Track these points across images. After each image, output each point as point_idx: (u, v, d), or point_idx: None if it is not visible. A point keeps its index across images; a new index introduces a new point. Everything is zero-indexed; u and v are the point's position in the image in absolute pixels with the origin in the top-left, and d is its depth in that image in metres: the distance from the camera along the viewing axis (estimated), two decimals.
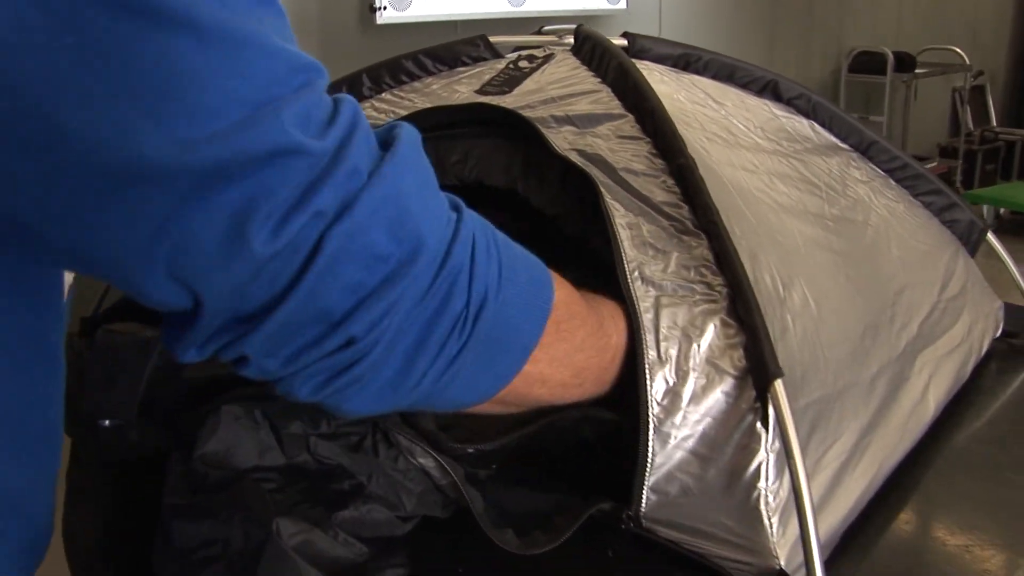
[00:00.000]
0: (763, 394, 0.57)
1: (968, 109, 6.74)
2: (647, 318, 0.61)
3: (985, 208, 5.58)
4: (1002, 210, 5.51)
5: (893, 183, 0.99)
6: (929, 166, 6.02)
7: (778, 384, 0.56)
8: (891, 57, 5.72)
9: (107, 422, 0.67)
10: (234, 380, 0.58)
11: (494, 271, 0.49)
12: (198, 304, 0.42)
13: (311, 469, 0.62)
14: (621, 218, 0.66)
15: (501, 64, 0.92)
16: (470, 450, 0.63)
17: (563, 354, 0.57)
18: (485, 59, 0.95)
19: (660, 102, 0.71)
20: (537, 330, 0.53)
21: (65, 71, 0.35)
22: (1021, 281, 1.05)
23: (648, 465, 0.59)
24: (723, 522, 0.59)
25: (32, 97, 0.35)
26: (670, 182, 0.68)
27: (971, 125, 6.79)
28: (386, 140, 0.46)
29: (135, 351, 0.65)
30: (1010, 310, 1.06)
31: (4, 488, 0.47)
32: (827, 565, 0.60)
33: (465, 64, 0.95)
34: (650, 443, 0.59)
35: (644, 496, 0.60)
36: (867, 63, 5.87)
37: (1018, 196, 5.60)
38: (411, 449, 0.62)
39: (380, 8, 3.48)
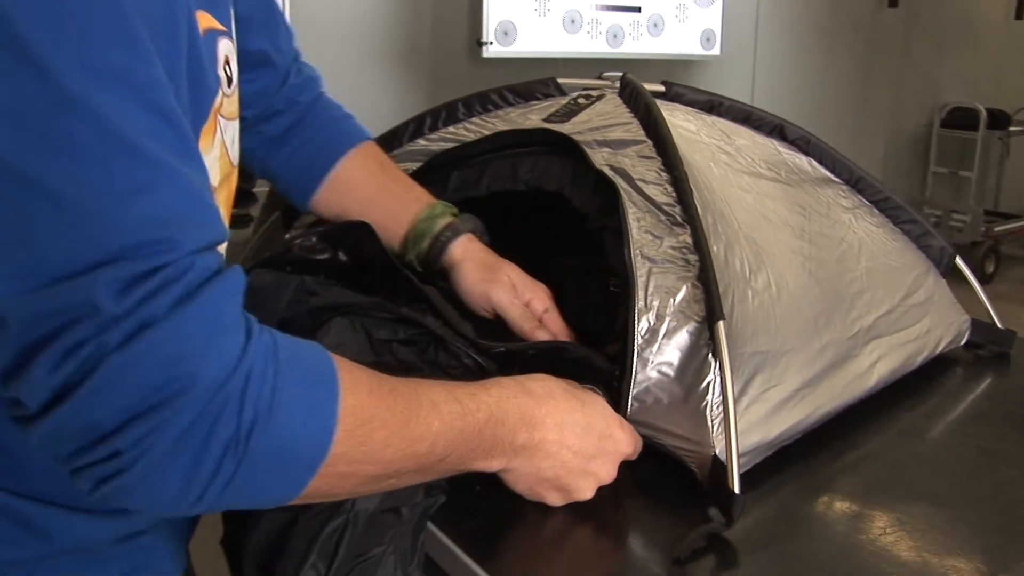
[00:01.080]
0: (712, 332, 0.83)
1: None
2: (640, 281, 0.88)
3: None
4: None
5: (877, 212, 1.24)
6: (1020, 224, 6.09)
7: (720, 325, 0.82)
8: (984, 113, 5.81)
9: None
10: (340, 305, 0.85)
11: (266, 397, 0.53)
12: None
13: (392, 367, 0.88)
14: (633, 214, 0.93)
15: (565, 100, 1.20)
16: (500, 348, 0.89)
17: (362, 455, 0.60)
18: (553, 96, 1.23)
19: (669, 132, 0.99)
20: (320, 446, 0.57)
21: None
22: (986, 301, 1.28)
23: (632, 380, 0.86)
24: (682, 422, 0.85)
25: None
26: (670, 189, 0.95)
27: None
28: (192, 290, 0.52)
29: (272, 288, 0.87)
30: (979, 325, 1.29)
31: None
32: (756, 476, 0.86)
33: (537, 99, 1.23)
34: (634, 365, 0.86)
35: (629, 403, 0.87)
36: (961, 118, 5.97)
37: None
38: (458, 352, 0.88)
39: (487, 43, 3.79)
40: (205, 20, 0.65)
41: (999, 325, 1.28)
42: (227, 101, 0.70)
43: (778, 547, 0.80)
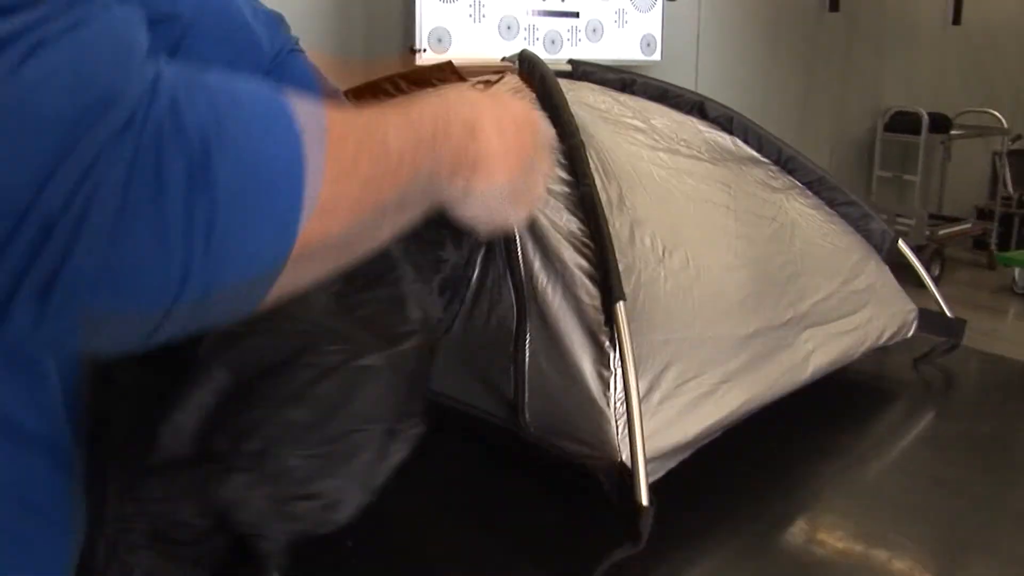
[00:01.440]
0: (609, 316, 0.71)
1: (1008, 172, 6.77)
2: (528, 264, 0.76)
3: (1016, 271, 5.62)
4: None
5: (810, 193, 1.13)
6: (963, 227, 6.10)
7: (620, 306, 0.70)
8: (926, 117, 5.81)
9: None
10: None
11: (207, 116, 0.43)
12: None
13: None
14: None
15: (464, 87, 1.08)
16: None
17: (339, 171, 0.49)
18: (450, 82, 1.11)
19: (564, 99, 0.87)
20: (292, 160, 0.46)
21: None
22: (933, 288, 1.18)
23: (525, 382, 0.74)
24: (581, 424, 0.73)
25: None
26: (563, 162, 0.83)
27: (1010, 188, 6.80)
28: None
29: None
30: (927, 315, 1.18)
31: None
32: (671, 475, 0.74)
33: (433, 85, 1.11)
34: (526, 362, 0.74)
35: (526, 408, 0.75)
36: (903, 123, 5.96)
37: None
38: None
39: (421, 50, 3.68)
40: None
41: (946, 312, 1.18)
42: None
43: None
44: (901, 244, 1.17)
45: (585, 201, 0.76)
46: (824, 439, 0.95)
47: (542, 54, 4.00)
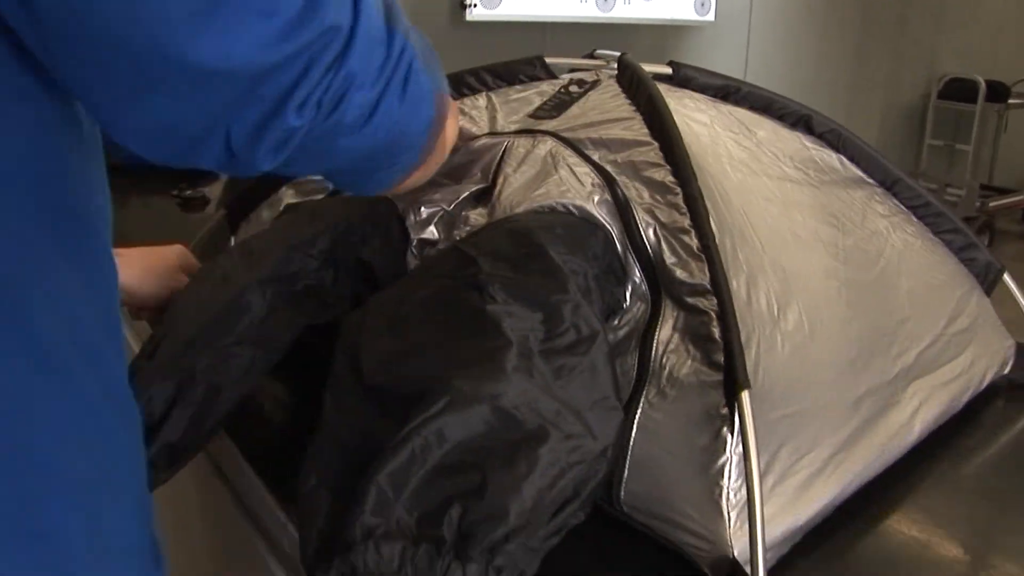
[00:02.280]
0: (731, 402, 0.64)
1: None
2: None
3: None
4: None
5: (915, 219, 1.05)
6: (1015, 199, 5.94)
7: (744, 395, 0.63)
8: (983, 85, 5.65)
9: None
10: None
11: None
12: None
13: None
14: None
15: (554, 86, 1.00)
16: None
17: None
18: (540, 79, 1.03)
19: (679, 134, 0.79)
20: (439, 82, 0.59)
21: None
22: None
23: (628, 457, 0.67)
24: (689, 512, 0.66)
25: None
26: (683, 206, 0.75)
27: None
28: None
29: None
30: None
31: None
32: (784, 563, 0.68)
33: (522, 82, 1.03)
34: (632, 438, 0.67)
35: (623, 484, 0.68)
36: (958, 90, 5.80)
37: None
38: None
39: (471, 5, 3.57)
40: None
41: None
42: None
43: None
44: (1007, 278, 1.09)
45: (720, 303, 0.68)
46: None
47: (594, 12, 3.87)
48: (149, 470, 0.74)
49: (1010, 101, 5.91)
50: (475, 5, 3.61)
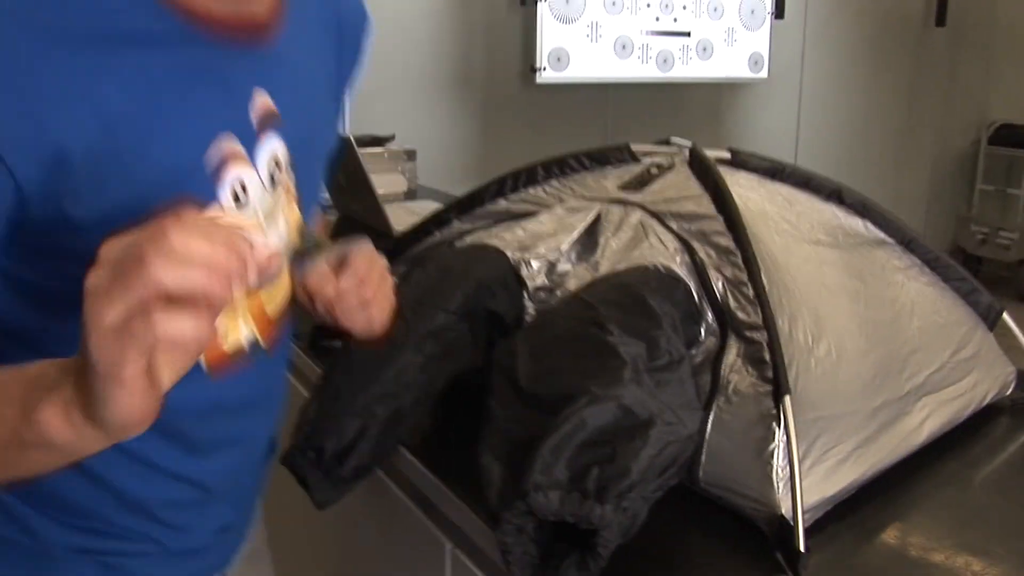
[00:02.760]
0: (778, 405, 0.93)
1: None
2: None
3: None
4: None
5: (928, 270, 1.32)
6: None
7: (787, 399, 0.91)
8: None
9: None
10: None
11: None
12: None
13: None
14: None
15: (638, 167, 1.29)
16: None
17: None
18: (626, 161, 1.33)
19: (737, 210, 1.08)
20: None
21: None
22: None
23: (706, 444, 0.96)
24: (751, 485, 0.94)
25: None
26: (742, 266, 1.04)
27: None
28: None
29: None
30: None
31: None
32: (816, 524, 0.95)
33: (612, 164, 1.33)
34: (708, 430, 0.96)
35: (702, 466, 0.97)
36: (1009, 136, 5.97)
37: None
38: None
39: (541, 69, 3.89)
40: (228, 146, 0.74)
41: None
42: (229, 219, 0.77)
43: None
44: (1006, 316, 1.35)
45: (769, 335, 0.97)
46: (922, 457, 1.14)
47: (655, 72, 4.17)
48: (340, 484, 1.04)
49: None
50: (544, 68, 3.92)
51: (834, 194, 1.31)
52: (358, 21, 1.02)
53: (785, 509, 0.92)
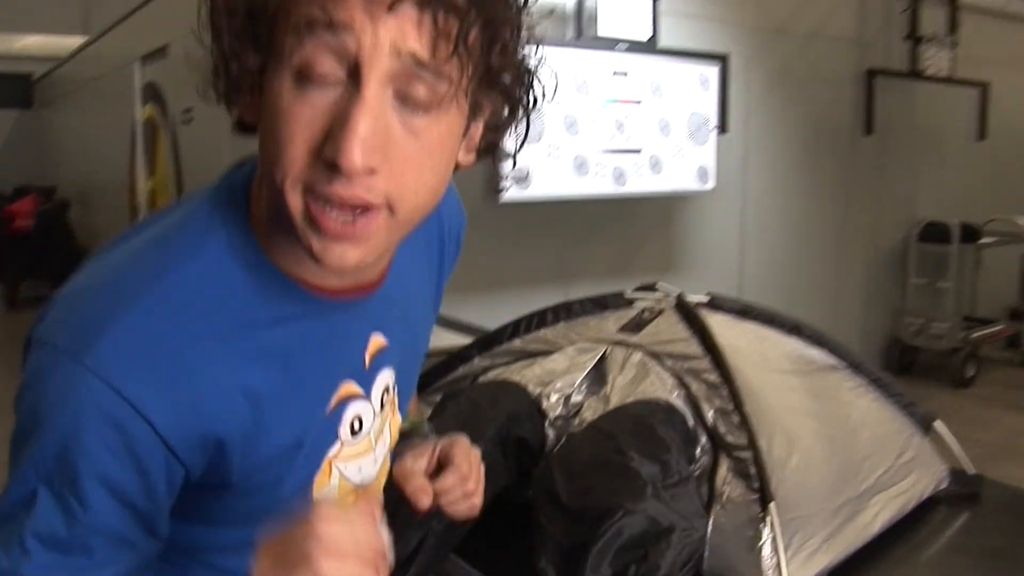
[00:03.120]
0: (764, 509, 1.20)
1: None
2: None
3: None
4: None
5: (873, 388, 1.61)
6: (996, 328, 6.50)
7: (771, 505, 1.18)
8: (956, 228, 6.25)
9: None
10: None
11: None
12: None
13: None
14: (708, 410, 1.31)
15: (632, 312, 1.58)
16: None
17: None
18: (622, 306, 1.61)
19: (719, 349, 1.36)
20: None
21: None
22: (959, 453, 1.65)
23: (707, 544, 1.22)
24: (745, 572, 1.21)
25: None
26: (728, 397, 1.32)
27: None
28: None
29: None
30: (955, 473, 1.65)
31: None
32: None
33: (610, 308, 1.61)
34: (709, 531, 1.22)
35: (705, 560, 1.23)
36: (935, 233, 6.39)
37: None
38: None
39: (503, 189, 4.17)
40: (347, 390, 0.83)
41: (969, 470, 1.65)
42: (348, 448, 0.87)
43: None
44: (936, 424, 1.64)
45: (754, 454, 1.24)
46: (877, 545, 1.41)
47: (611, 188, 4.51)
48: None
49: (981, 241, 6.54)
50: (507, 188, 4.20)
51: (794, 329, 1.61)
52: (457, 222, 1.01)
53: None
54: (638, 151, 4.64)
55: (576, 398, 1.45)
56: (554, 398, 1.44)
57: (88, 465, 0.67)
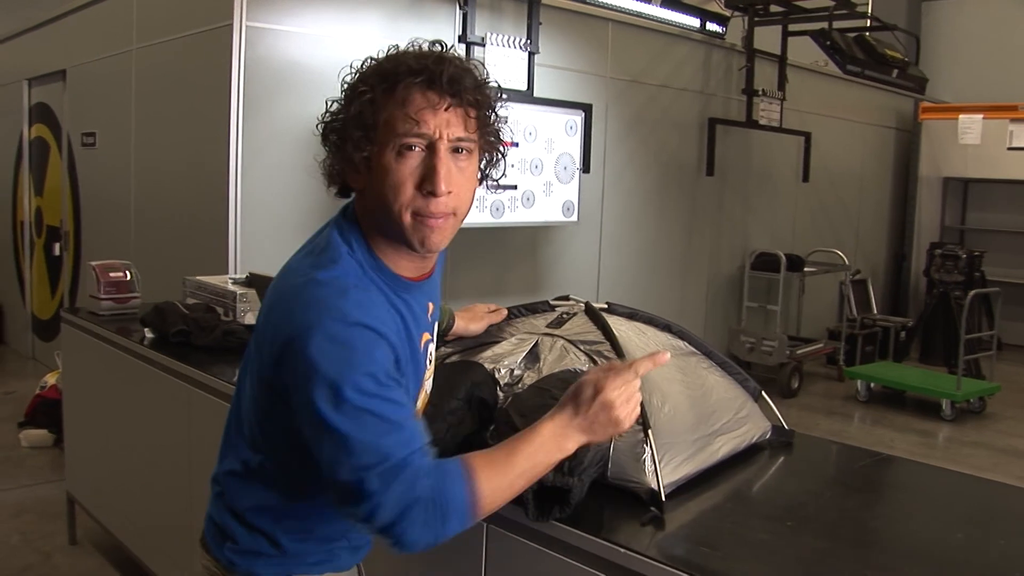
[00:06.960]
0: (646, 436, 1.90)
1: (852, 300, 8.21)
2: None
3: (859, 383, 6.97)
4: (872, 384, 6.90)
5: (718, 368, 2.35)
6: (817, 347, 7.49)
7: (650, 431, 1.89)
8: (783, 258, 7.21)
9: None
10: None
11: (438, 499, 1.31)
12: None
13: None
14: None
15: (556, 314, 2.26)
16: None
17: (491, 502, 1.39)
18: (547, 310, 2.30)
19: (616, 338, 2.06)
20: (464, 508, 1.34)
21: None
22: (777, 412, 2.40)
23: (611, 455, 1.92)
24: (633, 475, 1.91)
25: None
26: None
27: (855, 313, 8.23)
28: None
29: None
30: (775, 428, 2.40)
31: None
32: (669, 495, 1.92)
33: (540, 312, 2.30)
34: (611, 448, 1.92)
35: (609, 468, 1.92)
36: (765, 262, 7.35)
37: (887, 373, 7.03)
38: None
39: None
40: (424, 336, 1.58)
41: (785, 426, 2.40)
42: (427, 371, 1.67)
43: (684, 525, 1.87)
44: (763, 394, 2.39)
45: (642, 406, 1.95)
46: (719, 469, 2.13)
47: (489, 219, 5.30)
48: None
49: (805, 270, 7.54)
50: None
51: (666, 327, 2.33)
52: (443, 253, 1.71)
53: (653, 485, 1.88)
54: (514, 187, 5.37)
55: (518, 372, 2.12)
56: (503, 371, 2.11)
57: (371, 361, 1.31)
